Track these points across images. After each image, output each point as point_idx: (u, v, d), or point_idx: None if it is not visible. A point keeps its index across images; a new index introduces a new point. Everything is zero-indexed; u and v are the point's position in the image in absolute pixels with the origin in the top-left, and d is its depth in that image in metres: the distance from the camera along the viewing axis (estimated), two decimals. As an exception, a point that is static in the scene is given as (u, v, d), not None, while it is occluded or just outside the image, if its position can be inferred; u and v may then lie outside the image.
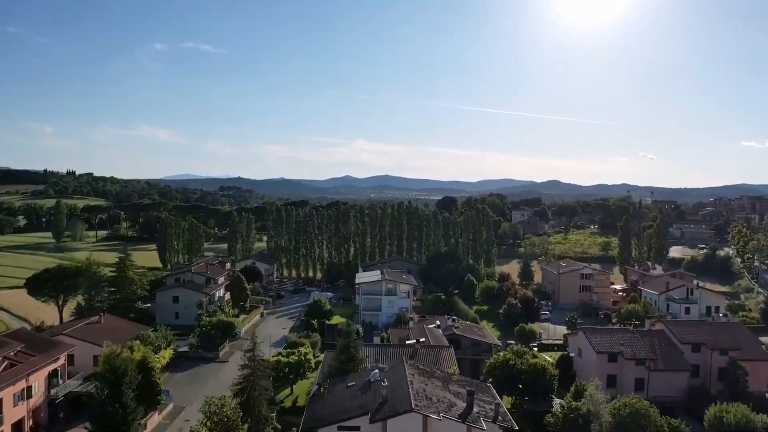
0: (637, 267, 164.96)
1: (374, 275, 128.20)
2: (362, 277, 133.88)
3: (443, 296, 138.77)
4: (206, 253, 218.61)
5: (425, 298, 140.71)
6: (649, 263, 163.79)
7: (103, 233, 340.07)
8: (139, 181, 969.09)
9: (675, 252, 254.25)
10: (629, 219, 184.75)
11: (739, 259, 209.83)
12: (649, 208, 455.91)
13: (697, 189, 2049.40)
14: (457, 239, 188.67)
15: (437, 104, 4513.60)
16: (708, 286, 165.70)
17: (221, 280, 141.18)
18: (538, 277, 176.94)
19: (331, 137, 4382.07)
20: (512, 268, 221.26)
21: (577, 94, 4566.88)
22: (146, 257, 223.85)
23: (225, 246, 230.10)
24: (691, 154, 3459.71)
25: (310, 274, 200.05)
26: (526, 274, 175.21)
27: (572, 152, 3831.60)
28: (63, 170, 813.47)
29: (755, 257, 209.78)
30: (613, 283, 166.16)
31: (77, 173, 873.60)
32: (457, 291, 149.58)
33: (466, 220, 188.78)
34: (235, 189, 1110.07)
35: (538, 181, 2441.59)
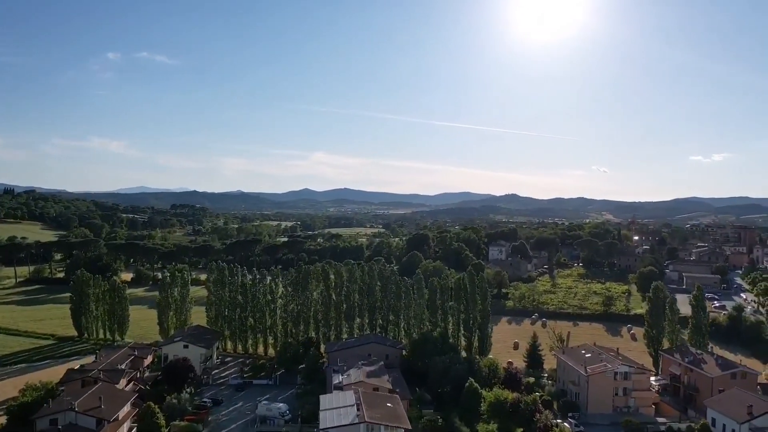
0: (677, 354, 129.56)
1: (347, 413, 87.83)
2: (329, 404, 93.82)
3: (440, 420, 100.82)
4: (137, 299, 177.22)
5: (414, 416, 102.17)
6: (694, 350, 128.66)
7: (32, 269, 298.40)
8: (85, 199, 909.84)
9: (680, 304, 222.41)
10: (660, 288, 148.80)
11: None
12: (628, 238, 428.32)
13: (651, 202, 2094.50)
14: (446, 311, 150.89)
15: (396, 118, 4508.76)
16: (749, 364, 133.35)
17: (123, 412, 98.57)
18: (549, 363, 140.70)
19: (290, 150, 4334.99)
20: (503, 333, 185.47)
21: (534, 109, 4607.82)
22: (65, 314, 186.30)
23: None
24: (642, 168, 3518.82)
25: (261, 349, 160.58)
26: (534, 360, 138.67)
27: (530, 166, 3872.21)
28: (15, 183, 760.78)
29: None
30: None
31: (23, 189, 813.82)
32: (455, 400, 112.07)
33: (458, 286, 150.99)
34: (188, 207, 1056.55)
35: (497, 195, 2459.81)
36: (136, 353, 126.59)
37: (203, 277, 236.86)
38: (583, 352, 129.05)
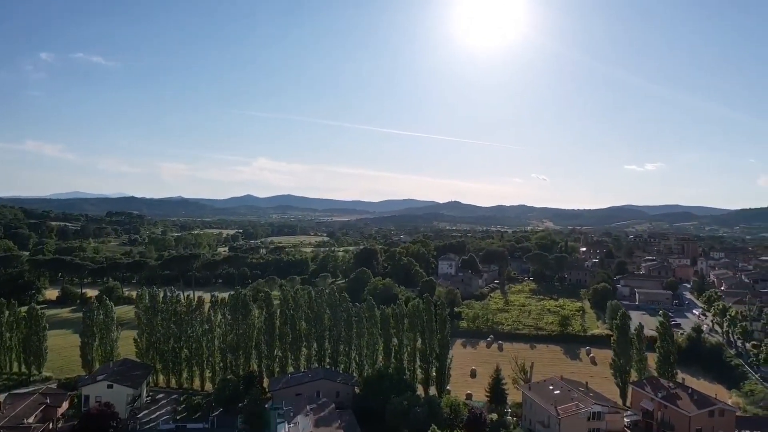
0: (648, 387, 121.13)
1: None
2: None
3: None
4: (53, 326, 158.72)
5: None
6: (666, 383, 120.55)
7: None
8: (13, 205, 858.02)
9: (633, 320, 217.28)
10: (625, 314, 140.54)
11: (733, 350, 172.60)
12: (575, 249, 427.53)
13: (589, 210, 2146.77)
14: (401, 341, 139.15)
15: (340, 124, 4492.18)
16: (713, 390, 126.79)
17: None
18: (513, 395, 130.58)
19: (233, 155, 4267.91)
20: (459, 357, 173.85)
21: (476, 118, 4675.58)
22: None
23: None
24: (580, 177, 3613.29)
25: (197, 383, 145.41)
26: (497, 395, 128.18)
27: (472, 174, 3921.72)
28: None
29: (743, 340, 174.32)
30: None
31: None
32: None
33: (413, 313, 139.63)
34: (125, 214, 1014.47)
35: (440, 202, 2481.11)
36: (48, 401, 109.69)
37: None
38: (551, 387, 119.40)
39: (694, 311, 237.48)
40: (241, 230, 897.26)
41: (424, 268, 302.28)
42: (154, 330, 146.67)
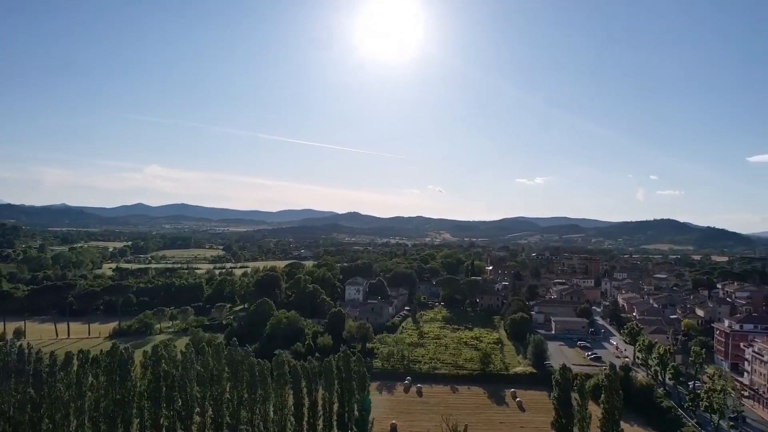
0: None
1: None
2: None
3: None
4: None
5: None
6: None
7: None
8: None
9: (554, 353, 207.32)
10: (566, 368, 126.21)
11: (662, 389, 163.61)
12: (482, 269, 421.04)
13: (485, 222, 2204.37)
14: (314, 405, 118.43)
15: (237, 132, 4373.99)
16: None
17: None
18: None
19: (121, 161, 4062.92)
20: (377, 407, 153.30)
21: (376, 129, 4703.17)
22: None
23: None
24: (474, 188, 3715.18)
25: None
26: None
27: (371, 184, 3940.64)
28: None
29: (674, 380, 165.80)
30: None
31: None
32: None
33: (329, 369, 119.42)
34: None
35: (340, 213, 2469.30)
36: None
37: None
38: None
39: (611, 341, 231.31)
40: (130, 243, 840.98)
41: (330, 294, 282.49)
42: (6, 395, 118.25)
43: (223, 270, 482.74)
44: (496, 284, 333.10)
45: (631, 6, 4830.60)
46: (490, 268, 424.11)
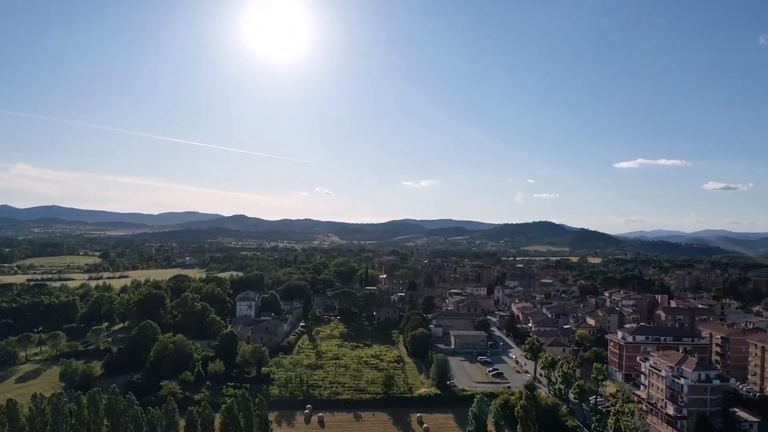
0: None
1: None
2: None
3: None
4: None
5: None
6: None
7: None
8: None
9: (456, 370, 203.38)
10: (483, 400, 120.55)
11: (566, 407, 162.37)
12: (377, 278, 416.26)
13: (372, 224, 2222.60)
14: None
15: (114, 129, 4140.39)
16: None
17: None
18: None
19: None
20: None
21: (262, 129, 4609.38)
22: None
23: None
24: (361, 191, 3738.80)
25: None
26: None
27: (258, 186, 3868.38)
28: None
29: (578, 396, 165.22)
30: None
31: None
32: None
33: (226, 414, 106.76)
34: None
35: (225, 215, 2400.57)
36: None
37: None
38: None
39: (510, 354, 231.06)
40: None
41: (219, 311, 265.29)
42: None
43: (100, 281, 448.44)
44: (392, 295, 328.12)
45: (511, 11, 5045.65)
46: (384, 276, 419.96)
